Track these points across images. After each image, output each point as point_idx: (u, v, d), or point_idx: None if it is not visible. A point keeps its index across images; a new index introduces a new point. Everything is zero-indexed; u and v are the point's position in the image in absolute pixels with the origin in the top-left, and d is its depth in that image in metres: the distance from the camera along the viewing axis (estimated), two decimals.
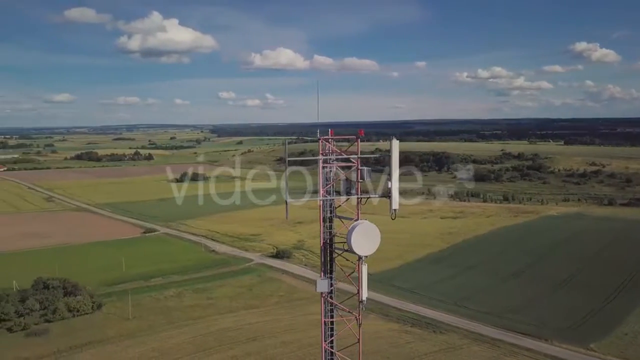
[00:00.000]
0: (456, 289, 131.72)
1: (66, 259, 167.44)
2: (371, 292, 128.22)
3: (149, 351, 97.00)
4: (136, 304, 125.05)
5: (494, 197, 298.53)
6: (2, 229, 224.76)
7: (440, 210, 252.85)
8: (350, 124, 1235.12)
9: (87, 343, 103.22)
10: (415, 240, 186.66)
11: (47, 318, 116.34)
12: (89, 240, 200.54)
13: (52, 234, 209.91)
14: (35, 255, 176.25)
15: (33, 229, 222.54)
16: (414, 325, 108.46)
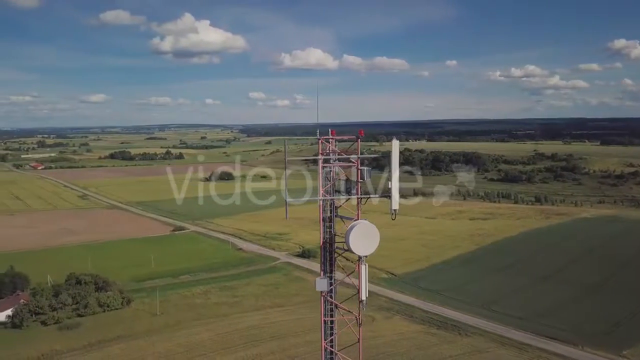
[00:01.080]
0: (484, 292, 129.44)
1: (98, 255, 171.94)
2: (397, 294, 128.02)
3: (175, 347, 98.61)
4: (164, 300, 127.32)
5: (525, 198, 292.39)
6: (39, 225, 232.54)
7: (469, 212, 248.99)
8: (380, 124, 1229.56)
9: (116, 337, 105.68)
10: (444, 242, 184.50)
11: (79, 312, 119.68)
12: (120, 237, 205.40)
13: (85, 231, 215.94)
14: (69, 251, 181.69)
15: (68, 225, 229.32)
16: (439, 327, 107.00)
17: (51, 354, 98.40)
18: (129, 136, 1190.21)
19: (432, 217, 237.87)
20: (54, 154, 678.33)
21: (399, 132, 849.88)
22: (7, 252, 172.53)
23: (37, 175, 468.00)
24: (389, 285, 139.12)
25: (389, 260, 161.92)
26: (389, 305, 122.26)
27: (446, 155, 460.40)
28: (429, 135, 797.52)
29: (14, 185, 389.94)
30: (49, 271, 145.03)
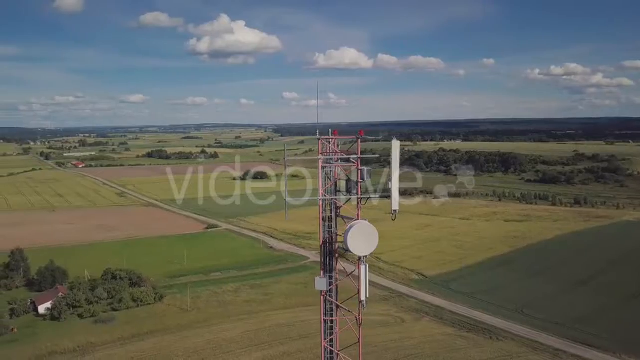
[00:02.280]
0: (518, 295, 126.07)
1: (133, 251, 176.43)
2: (427, 295, 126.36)
3: (204, 343, 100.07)
4: (195, 297, 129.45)
5: (564, 200, 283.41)
6: (78, 222, 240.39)
7: (505, 213, 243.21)
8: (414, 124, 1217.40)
9: (148, 332, 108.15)
10: (477, 244, 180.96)
11: (113, 307, 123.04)
12: (155, 234, 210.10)
13: (122, 227, 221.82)
14: (106, 247, 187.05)
15: (105, 222, 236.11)
16: (470, 330, 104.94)
17: (86, 346, 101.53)
18: (166, 135, 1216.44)
19: (466, 219, 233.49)
20: (94, 152, 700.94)
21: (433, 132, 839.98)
22: (48, 247, 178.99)
23: (78, 173, 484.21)
24: (420, 286, 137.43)
25: (420, 262, 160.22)
26: (418, 306, 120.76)
27: (481, 155, 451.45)
28: (464, 135, 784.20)
29: (56, 182, 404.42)
30: (87, 266, 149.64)
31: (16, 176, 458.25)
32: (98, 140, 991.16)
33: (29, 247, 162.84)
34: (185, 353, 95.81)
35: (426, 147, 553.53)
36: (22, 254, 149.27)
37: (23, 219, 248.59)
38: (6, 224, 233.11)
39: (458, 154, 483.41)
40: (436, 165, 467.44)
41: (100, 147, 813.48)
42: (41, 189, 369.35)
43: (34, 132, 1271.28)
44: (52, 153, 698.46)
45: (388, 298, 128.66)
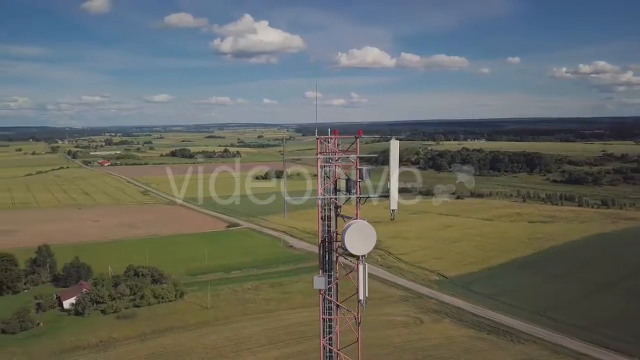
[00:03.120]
0: (541, 298, 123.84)
1: (156, 248, 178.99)
2: (447, 296, 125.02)
3: (223, 340, 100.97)
4: (216, 294, 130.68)
5: (591, 201, 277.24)
6: (103, 219, 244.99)
7: (529, 215, 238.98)
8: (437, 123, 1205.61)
9: (169, 328, 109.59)
10: (500, 245, 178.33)
11: (135, 303, 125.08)
12: (177, 232, 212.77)
13: (145, 225, 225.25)
14: (129, 244, 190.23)
15: (129, 220, 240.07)
16: (490, 332, 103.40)
17: (109, 341, 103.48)
18: (190, 135, 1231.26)
19: (490, 220, 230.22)
20: (119, 151, 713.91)
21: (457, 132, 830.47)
22: (73, 244, 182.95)
23: (103, 171, 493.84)
24: (440, 287, 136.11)
25: (441, 263, 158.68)
26: (438, 308, 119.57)
27: (506, 155, 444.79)
28: (488, 135, 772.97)
29: (83, 181, 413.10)
30: (110, 263, 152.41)
31: (45, 174, 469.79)
32: (123, 139, 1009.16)
33: (55, 243, 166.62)
34: (205, 350, 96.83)
35: (449, 147, 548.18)
36: (48, 250, 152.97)
37: (50, 216, 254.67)
38: (34, 221, 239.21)
39: (482, 153, 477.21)
40: (459, 165, 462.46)
41: (126, 146, 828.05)
42: (68, 187, 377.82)
43: (62, 131, 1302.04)
44: (79, 152, 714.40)
45: (408, 299, 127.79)
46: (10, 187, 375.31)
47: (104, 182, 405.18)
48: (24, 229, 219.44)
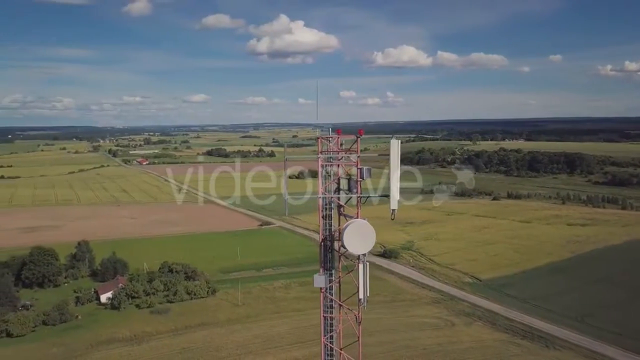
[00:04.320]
0: (578, 303, 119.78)
1: (190, 246, 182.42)
2: (480, 299, 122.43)
3: (252, 337, 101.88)
4: (247, 292, 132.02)
5: (635, 204, 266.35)
6: (140, 216, 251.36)
7: (568, 217, 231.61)
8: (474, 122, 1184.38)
9: (200, 324, 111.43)
10: (536, 247, 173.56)
11: (168, 299, 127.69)
12: (211, 229, 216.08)
13: (180, 223, 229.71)
14: (164, 241, 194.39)
15: (165, 217, 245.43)
16: (524, 337, 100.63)
17: (142, 335, 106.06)
18: (226, 134, 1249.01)
19: (526, 221, 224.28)
20: (157, 150, 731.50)
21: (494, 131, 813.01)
22: (111, 240, 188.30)
23: (142, 170, 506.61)
24: (473, 290, 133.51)
25: (475, 265, 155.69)
26: (470, 310, 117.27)
27: (545, 155, 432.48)
28: (527, 135, 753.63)
29: (122, 179, 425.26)
30: (146, 259, 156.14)
31: (86, 172, 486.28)
32: (161, 138, 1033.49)
33: (94, 239, 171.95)
34: (234, 346, 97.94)
35: (486, 147, 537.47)
36: (87, 246, 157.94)
37: (90, 213, 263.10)
38: (75, 217, 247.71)
39: (520, 154, 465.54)
40: (496, 166, 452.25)
41: (163, 145, 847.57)
42: (108, 184, 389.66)
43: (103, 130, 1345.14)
44: (118, 150, 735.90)
45: (439, 300, 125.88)
46: (54, 184, 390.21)
47: (142, 180, 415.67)
48: (66, 224, 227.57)
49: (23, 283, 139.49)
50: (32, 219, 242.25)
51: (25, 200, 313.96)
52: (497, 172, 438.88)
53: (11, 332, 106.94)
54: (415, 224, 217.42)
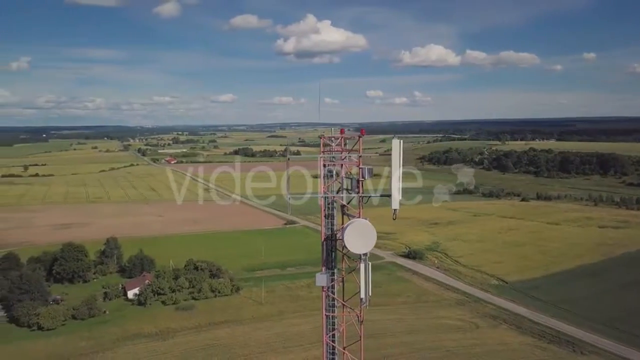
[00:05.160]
0: (608, 307, 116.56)
1: (215, 243, 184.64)
2: (506, 302, 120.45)
3: (274, 335, 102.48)
4: (270, 290, 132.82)
5: None
6: (168, 214, 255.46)
7: (600, 219, 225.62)
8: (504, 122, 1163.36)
9: (223, 322, 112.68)
10: (565, 250, 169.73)
11: (193, 296, 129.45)
12: (236, 228, 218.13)
13: (207, 221, 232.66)
14: (190, 239, 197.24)
15: (192, 215, 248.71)
16: (551, 341, 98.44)
17: (167, 331, 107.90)
18: (253, 134, 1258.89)
19: (555, 223, 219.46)
20: (185, 149, 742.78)
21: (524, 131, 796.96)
22: (139, 237, 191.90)
23: (170, 168, 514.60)
24: (499, 292, 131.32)
25: (501, 267, 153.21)
26: (495, 313, 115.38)
27: (576, 156, 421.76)
28: (558, 135, 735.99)
29: (150, 177, 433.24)
30: (172, 256, 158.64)
31: (117, 170, 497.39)
32: (190, 137, 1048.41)
33: (122, 236, 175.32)
34: (256, 344, 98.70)
35: (515, 147, 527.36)
36: (116, 243, 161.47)
37: (119, 211, 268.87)
38: (105, 215, 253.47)
39: (550, 154, 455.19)
40: (525, 166, 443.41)
41: (191, 145, 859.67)
42: (137, 183, 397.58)
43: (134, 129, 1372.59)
44: (148, 149, 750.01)
45: (464, 302, 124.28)
46: (86, 183, 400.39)
47: (170, 179, 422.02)
48: (96, 221, 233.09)
49: (54, 278, 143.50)
50: (64, 216, 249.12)
51: (58, 198, 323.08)
52: (526, 172, 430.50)
53: (42, 326, 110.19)
54: (440, 225, 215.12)
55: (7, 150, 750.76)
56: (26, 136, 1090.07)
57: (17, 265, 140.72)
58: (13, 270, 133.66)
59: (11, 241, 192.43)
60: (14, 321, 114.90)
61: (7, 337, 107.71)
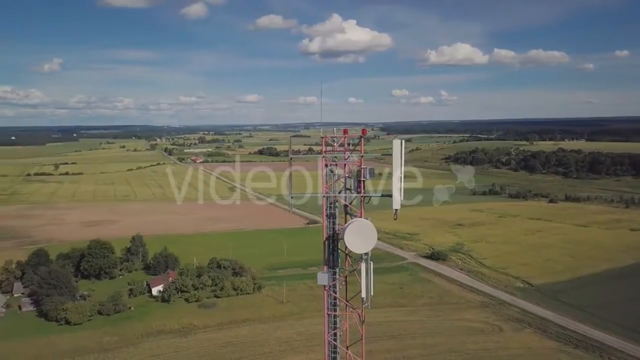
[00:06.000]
0: (638, 313, 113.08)
1: (238, 242, 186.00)
2: (531, 305, 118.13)
3: (295, 334, 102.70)
4: (291, 289, 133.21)
5: None
6: (192, 213, 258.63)
7: (631, 221, 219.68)
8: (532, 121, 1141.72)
9: (245, 320, 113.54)
10: (594, 253, 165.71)
11: (216, 293, 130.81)
12: (260, 227, 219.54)
13: (230, 220, 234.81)
14: (214, 237, 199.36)
15: (216, 214, 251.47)
16: (577, 346, 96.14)
17: (190, 328, 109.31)
18: (277, 134, 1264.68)
19: (584, 226, 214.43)
20: (211, 149, 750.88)
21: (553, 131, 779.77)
22: (163, 235, 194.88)
23: (195, 168, 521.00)
24: (524, 295, 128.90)
25: (526, 269, 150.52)
26: (520, 316, 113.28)
27: (607, 156, 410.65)
28: (589, 135, 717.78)
29: (176, 176, 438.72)
30: (195, 254, 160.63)
31: (143, 169, 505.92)
32: (215, 137, 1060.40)
33: (148, 234, 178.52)
34: (277, 342, 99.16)
35: (544, 147, 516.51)
36: (141, 240, 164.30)
37: (146, 209, 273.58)
38: (131, 213, 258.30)
39: (580, 154, 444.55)
40: (554, 167, 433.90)
41: (217, 144, 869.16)
42: (163, 181, 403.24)
43: (161, 129, 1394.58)
44: (174, 149, 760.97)
45: (487, 305, 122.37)
46: (114, 181, 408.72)
47: (195, 178, 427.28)
48: (122, 219, 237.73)
49: (82, 274, 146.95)
50: (92, 214, 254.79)
51: (87, 196, 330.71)
52: (554, 173, 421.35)
53: (69, 320, 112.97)
54: (465, 226, 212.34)
55: (40, 149, 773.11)
56: (58, 135, 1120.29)
57: (47, 261, 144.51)
58: (43, 265, 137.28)
59: (42, 237, 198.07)
60: (43, 315, 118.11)
61: (37, 330, 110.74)
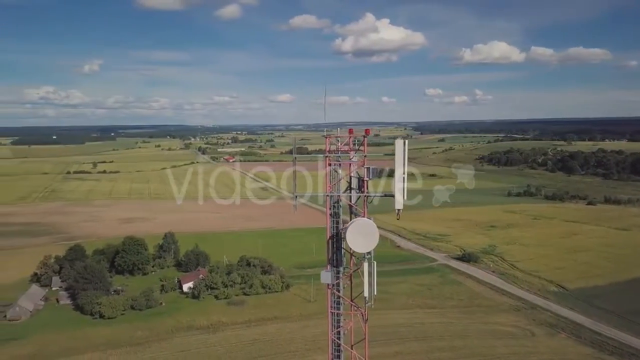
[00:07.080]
0: None
1: (268, 241, 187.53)
2: (565, 309, 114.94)
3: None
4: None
5: None
6: (223, 211, 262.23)
7: None
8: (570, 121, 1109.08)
9: (273, 318, 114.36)
10: (634, 257, 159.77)
11: (245, 291, 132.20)
12: (290, 226, 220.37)
13: (261, 218, 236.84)
14: (244, 235, 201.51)
15: (247, 213, 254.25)
16: (612, 353, 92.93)
17: (218, 324, 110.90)
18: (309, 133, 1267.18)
19: (624, 229, 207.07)
20: (243, 148, 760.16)
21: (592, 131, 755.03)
22: (195, 233, 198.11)
23: (228, 167, 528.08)
24: (558, 299, 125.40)
25: (561, 273, 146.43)
26: (553, 321, 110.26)
27: None
28: (631, 135, 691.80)
29: (209, 175, 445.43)
30: (226, 252, 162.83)
31: (178, 168, 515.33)
32: (248, 137, 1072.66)
33: (179, 231, 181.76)
34: (303, 341, 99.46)
35: (582, 147, 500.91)
36: (173, 238, 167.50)
37: (178, 207, 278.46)
38: (164, 210, 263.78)
39: (621, 155, 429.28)
40: (593, 168, 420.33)
41: (249, 144, 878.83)
42: (196, 180, 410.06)
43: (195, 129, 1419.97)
44: (208, 148, 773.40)
45: (519, 308, 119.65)
46: (149, 179, 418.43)
47: (228, 177, 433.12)
48: (156, 217, 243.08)
49: (116, 270, 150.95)
50: (127, 211, 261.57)
51: (123, 194, 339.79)
52: (594, 175, 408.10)
53: (103, 314, 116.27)
54: (498, 228, 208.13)
55: (79, 148, 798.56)
56: (97, 135, 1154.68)
57: (83, 256, 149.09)
58: (79, 261, 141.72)
59: (79, 233, 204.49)
60: (78, 309, 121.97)
61: (73, 323, 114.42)
